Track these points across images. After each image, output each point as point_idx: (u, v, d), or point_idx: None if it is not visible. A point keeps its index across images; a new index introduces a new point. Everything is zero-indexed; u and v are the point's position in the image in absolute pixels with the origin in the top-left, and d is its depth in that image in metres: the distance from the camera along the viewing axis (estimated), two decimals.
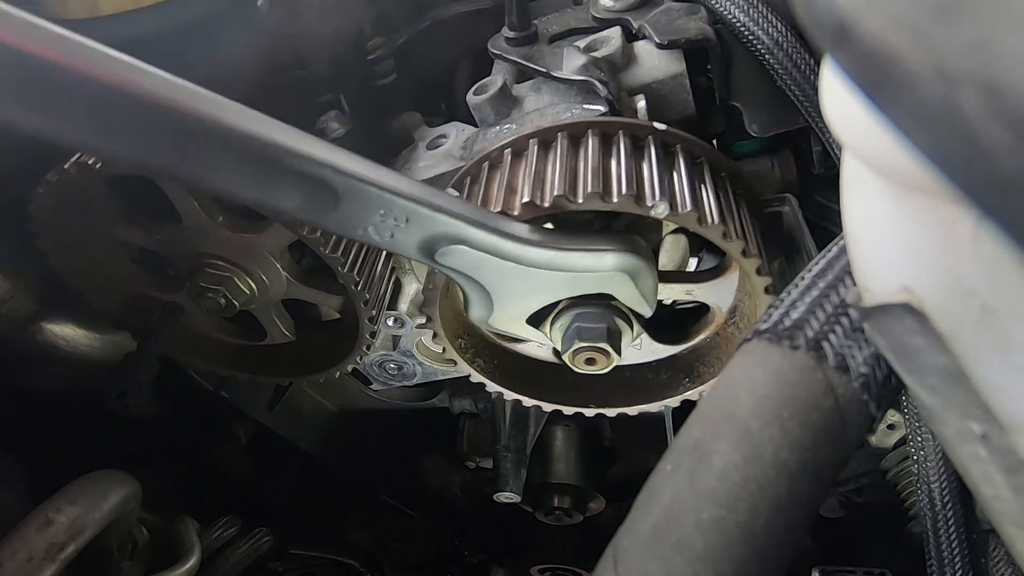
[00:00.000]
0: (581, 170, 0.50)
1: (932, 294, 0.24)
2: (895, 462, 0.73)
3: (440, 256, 0.47)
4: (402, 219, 0.44)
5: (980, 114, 0.12)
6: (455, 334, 0.65)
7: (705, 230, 0.48)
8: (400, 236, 0.45)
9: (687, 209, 0.47)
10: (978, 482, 0.26)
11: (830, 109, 0.24)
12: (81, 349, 0.69)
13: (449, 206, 0.45)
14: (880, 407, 0.29)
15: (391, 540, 1.13)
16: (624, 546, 0.30)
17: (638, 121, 0.54)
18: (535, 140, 0.53)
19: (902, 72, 0.13)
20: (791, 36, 0.54)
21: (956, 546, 0.49)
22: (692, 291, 0.59)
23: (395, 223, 0.44)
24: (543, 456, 0.97)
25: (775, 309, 0.32)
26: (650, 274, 0.53)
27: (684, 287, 0.59)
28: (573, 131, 0.53)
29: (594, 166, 0.49)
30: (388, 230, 0.45)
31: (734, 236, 0.49)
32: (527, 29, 0.62)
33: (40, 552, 0.45)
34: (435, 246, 0.47)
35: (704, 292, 0.59)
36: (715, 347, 0.64)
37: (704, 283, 0.59)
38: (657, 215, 0.47)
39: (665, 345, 0.64)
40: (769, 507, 0.28)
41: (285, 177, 0.40)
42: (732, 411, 0.30)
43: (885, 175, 0.24)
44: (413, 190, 0.44)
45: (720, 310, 0.61)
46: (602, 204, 0.47)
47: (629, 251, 0.51)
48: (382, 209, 0.43)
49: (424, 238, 0.46)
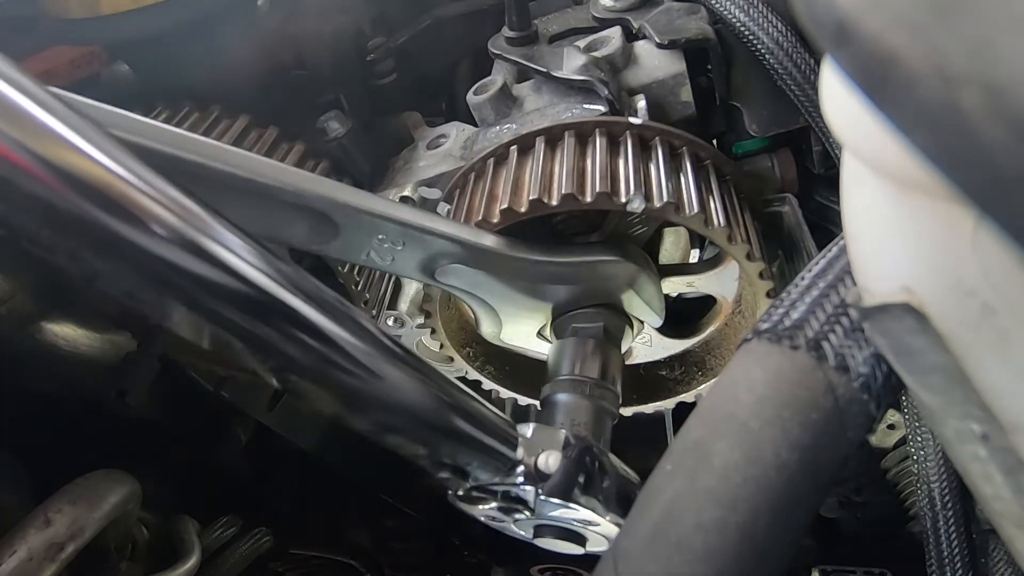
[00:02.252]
0: (589, 169, 0.50)
1: (932, 294, 0.24)
2: (895, 462, 0.73)
3: (440, 275, 0.49)
4: (399, 242, 0.47)
5: (980, 114, 0.12)
6: (462, 344, 0.65)
7: (711, 232, 0.48)
8: (400, 259, 0.48)
9: (693, 211, 0.47)
10: (978, 482, 0.26)
11: (830, 109, 0.24)
12: (81, 349, 0.69)
13: (442, 228, 0.47)
14: (880, 407, 0.29)
15: (391, 540, 1.13)
16: (624, 546, 0.30)
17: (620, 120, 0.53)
18: (542, 138, 0.53)
19: (902, 72, 0.13)
20: (791, 36, 0.54)
21: (956, 546, 0.49)
22: (694, 283, 0.59)
23: (393, 246, 0.47)
24: None
25: (775, 309, 0.32)
26: (651, 281, 0.53)
27: (685, 280, 0.59)
28: (579, 130, 0.53)
29: (602, 166, 0.49)
30: (389, 254, 0.48)
31: (739, 240, 0.49)
32: (527, 29, 0.62)
33: (40, 552, 0.45)
34: (434, 266, 0.49)
35: (706, 283, 0.59)
36: (725, 339, 0.63)
37: (704, 274, 0.58)
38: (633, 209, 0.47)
39: (676, 340, 0.64)
40: (769, 507, 0.28)
41: (287, 213, 0.43)
42: (732, 411, 0.29)
43: (885, 175, 0.24)
44: (406, 215, 0.47)
45: (726, 300, 0.61)
46: (610, 204, 0.47)
47: (624, 260, 0.51)
48: (379, 234, 0.46)
49: (422, 259, 0.48)
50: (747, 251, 0.49)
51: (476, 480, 0.38)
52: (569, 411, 0.51)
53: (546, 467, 0.38)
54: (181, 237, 0.25)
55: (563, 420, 0.50)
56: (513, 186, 0.50)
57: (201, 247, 0.26)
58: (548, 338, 0.58)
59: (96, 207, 0.23)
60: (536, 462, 0.38)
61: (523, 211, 0.48)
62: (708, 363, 0.65)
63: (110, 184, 0.23)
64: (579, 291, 0.54)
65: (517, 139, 0.54)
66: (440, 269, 0.49)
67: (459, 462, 0.36)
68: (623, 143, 0.51)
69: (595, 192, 0.47)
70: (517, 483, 0.38)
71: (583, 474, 0.39)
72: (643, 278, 0.53)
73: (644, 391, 0.67)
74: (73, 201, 0.23)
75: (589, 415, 0.51)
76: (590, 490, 0.39)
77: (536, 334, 0.59)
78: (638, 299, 0.54)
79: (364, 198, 0.47)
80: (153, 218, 0.24)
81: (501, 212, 0.48)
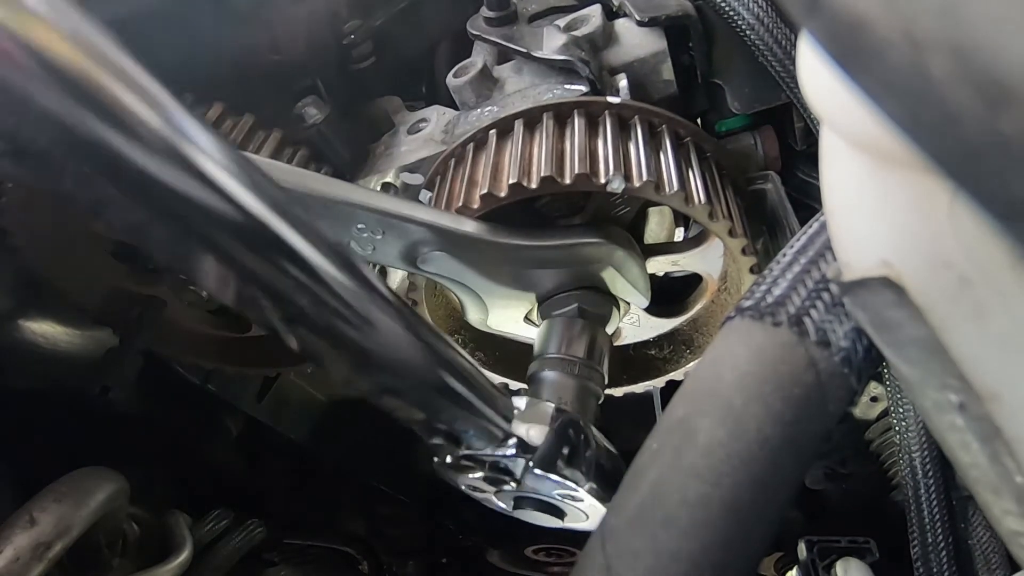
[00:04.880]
0: (568, 151, 0.49)
1: (910, 267, 0.24)
2: (878, 433, 0.74)
3: (423, 263, 0.49)
4: (378, 231, 0.47)
5: (949, 79, 0.12)
6: (451, 330, 0.65)
7: (692, 210, 0.48)
8: (381, 248, 0.48)
9: (673, 190, 0.47)
10: (956, 450, 0.26)
11: (806, 82, 0.24)
12: (62, 346, 0.68)
13: (421, 215, 0.47)
14: (861, 380, 0.29)
15: (385, 526, 1.14)
16: (612, 524, 0.30)
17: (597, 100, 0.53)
18: (520, 121, 0.53)
19: (871, 38, 0.13)
20: (771, 12, 0.53)
21: (937, 513, 0.50)
22: (678, 262, 0.58)
23: (373, 235, 0.47)
24: None
25: (757, 286, 0.32)
26: (634, 262, 0.53)
27: (670, 259, 0.58)
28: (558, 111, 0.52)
29: (580, 147, 0.49)
30: (369, 243, 0.48)
31: (720, 216, 0.49)
32: (506, 8, 0.61)
33: (26, 552, 0.44)
34: (415, 254, 0.49)
35: (690, 261, 0.58)
36: (711, 316, 0.63)
37: (688, 252, 0.58)
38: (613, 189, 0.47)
39: (663, 319, 0.64)
40: (753, 482, 0.28)
41: None
42: (716, 388, 0.30)
43: (862, 148, 0.24)
44: (384, 203, 0.47)
45: (711, 278, 0.61)
46: (589, 185, 0.47)
47: (607, 242, 0.51)
48: (358, 223, 0.46)
49: (403, 248, 0.48)
50: (729, 227, 0.49)
51: (469, 448, 0.38)
52: (555, 389, 0.51)
53: (530, 438, 0.38)
54: (197, 167, 0.23)
55: (549, 397, 0.50)
56: (493, 171, 0.49)
57: (216, 182, 0.24)
58: (535, 322, 0.58)
59: (110, 126, 0.22)
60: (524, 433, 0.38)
61: (503, 196, 0.47)
62: (696, 341, 0.65)
63: (125, 105, 0.22)
64: (563, 275, 0.53)
65: (496, 123, 0.53)
66: (422, 257, 0.49)
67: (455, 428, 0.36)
68: (602, 123, 0.51)
69: (574, 174, 0.46)
70: (509, 454, 0.38)
71: (568, 446, 0.40)
72: (626, 259, 0.52)
73: (634, 371, 0.68)
74: (87, 120, 0.21)
75: (574, 393, 0.51)
76: (574, 462, 0.40)
77: (523, 319, 0.59)
78: (622, 280, 0.54)
79: (340, 187, 0.46)
80: (166, 143, 0.23)
81: (481, 197, 0.48)
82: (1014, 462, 0.25)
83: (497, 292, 0.54)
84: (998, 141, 0.12)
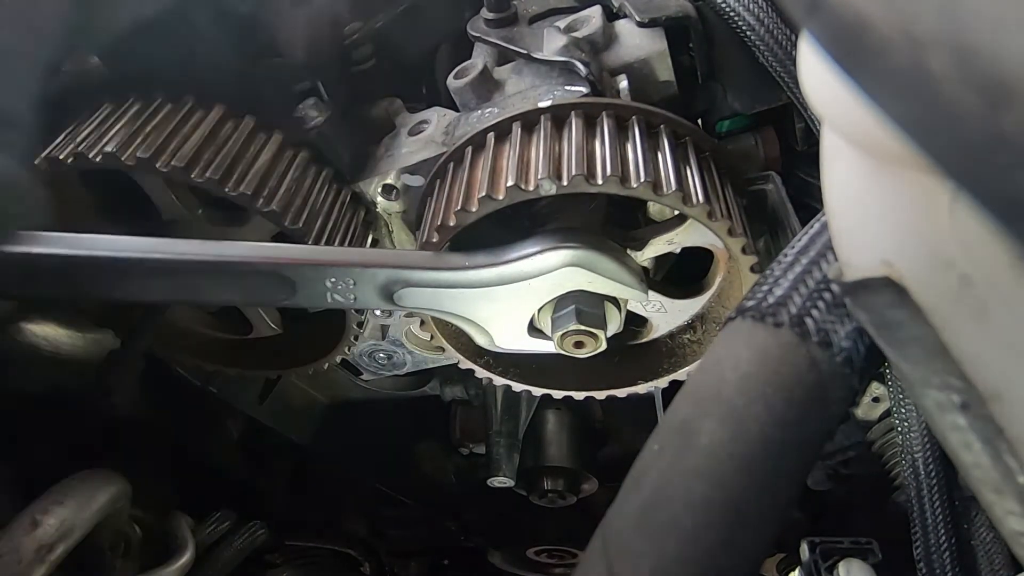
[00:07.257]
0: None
1: (911, 267, 0.24)
2: (880, 434, 0.74)
3: (399, 301, 0.51)
4: (349, 281, 0.50)
5: (949, 77, 0.12)
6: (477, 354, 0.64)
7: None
8: (359, 295, 0.51)
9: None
10: (958, 451, 0.26)
11: (807, 82, 0.24)
12: (63, 348, 0.68)
13: (377, 258, 0.50)
14: (862, 381, 0.29)
15: (387, 528, 1.14)
16: (614, 527, 0.30)
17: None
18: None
19: (872, 37, 0.13)
20: (771, 12, 0.53)
21: (940, 513, 0.50)
22: (673, 239, 0.56)
23: (347, 286, 0.50)
24: (535, 440, 0.98)
25: (759, 287, 0.32)
26: (608, 258, 0.52)
27: (664, 239, 0.56)
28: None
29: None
30: (348, 293, 0.50)
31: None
32: (506, 10, 0.61)
33: (29, 554, 0.44)
34: (390, 293, 0.51)
35: (686, 236, 0.56)
36: (732, 287, 0.61)
37: (679, 228, 0.56)
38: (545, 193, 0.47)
39: (688, 300, 0.62)
40: (756, 483, 0.28)
41: (250, 281, 0.49)
42: (718, 389, 0.30)
43: (862, 148, 0.24)
44: (343, 256, 0.50)
45: (717, 247, 0.58)
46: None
47: (570, 245, 0.50)
48: (329, 278, 0.49)
49: (377, 291, 0.50)
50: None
51: None
52: None
53: None
54: None
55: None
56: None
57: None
58: (542, 330, 0.57)
59: None
60: None
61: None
62: (724, 317, 0.63)
63: None
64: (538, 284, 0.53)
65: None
66: (396, 295, 0.51)
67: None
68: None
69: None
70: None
71: None
72: (593, 257, 0.52)
73: (674, 359, 0.66)
74: None
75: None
76: None
77: (528, 332, 0.58)
78: (600, 278, 0.53)
79: (303, 251, 0.50)
80: None
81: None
82: (1016, 462, 0.25)
83: (484, 313, 0.54)
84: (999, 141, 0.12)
